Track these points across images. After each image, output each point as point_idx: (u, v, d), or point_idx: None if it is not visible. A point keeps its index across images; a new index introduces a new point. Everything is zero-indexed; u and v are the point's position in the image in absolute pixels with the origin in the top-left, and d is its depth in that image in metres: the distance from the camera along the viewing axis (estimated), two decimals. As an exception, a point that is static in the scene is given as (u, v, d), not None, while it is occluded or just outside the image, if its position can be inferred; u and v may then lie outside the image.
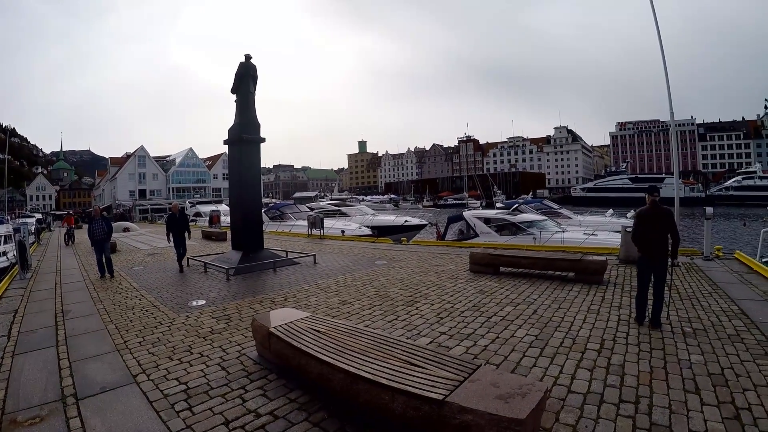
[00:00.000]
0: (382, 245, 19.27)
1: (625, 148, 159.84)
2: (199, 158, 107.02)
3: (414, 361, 4.27)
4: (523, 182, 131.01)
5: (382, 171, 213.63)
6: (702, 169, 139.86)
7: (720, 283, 9.73)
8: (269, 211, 33.81)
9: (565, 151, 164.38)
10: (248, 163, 14.22)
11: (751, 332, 6.52)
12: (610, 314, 7.62)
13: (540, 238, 18.01)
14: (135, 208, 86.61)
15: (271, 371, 5.37)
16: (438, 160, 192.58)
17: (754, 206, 69.06)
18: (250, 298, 9.57)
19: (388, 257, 15.09)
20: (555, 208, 28.18)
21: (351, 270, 12.73)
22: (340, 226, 26.79)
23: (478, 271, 11.68)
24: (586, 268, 10.23)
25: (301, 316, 5.99)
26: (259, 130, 14.38)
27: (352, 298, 9.32)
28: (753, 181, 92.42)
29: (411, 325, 7.24)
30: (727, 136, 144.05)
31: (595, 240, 17.00)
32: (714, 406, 4.40)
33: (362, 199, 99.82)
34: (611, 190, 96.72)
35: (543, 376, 5.17)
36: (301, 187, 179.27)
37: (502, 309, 8.06)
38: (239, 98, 14.35)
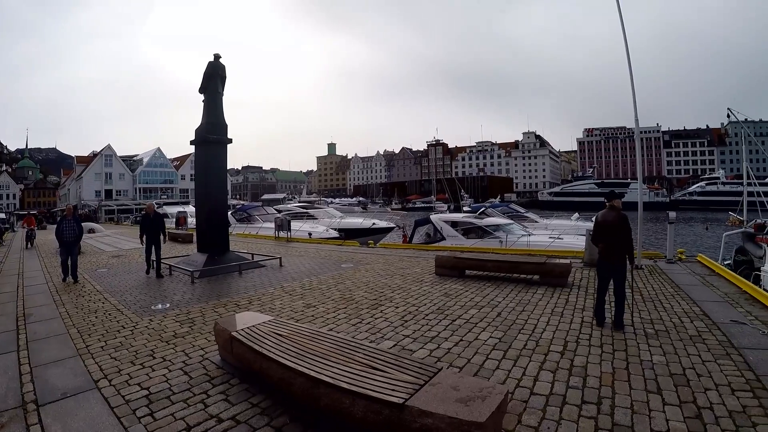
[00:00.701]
0: (348, 248, 19.24)
1: (592, 154, 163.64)
2: (166, 158, 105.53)
3: (375, 365, 4.24)
4: (491, 186, 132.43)
5: (351, 174, 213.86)
6: (667, 175, 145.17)
7: (682, 285, 9.95)
8: (236, 213, 33.50)
9: (533, 156, 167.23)
10: (214, 165, 14.05)
11: (713, 333, 6.66)
12: (573, 316, 7.70)
13: (506, 242, 18.19)
14: (101, 208, 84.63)
15: (233, 375, 5.32)
16: (407, 164, 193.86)
17: (716, 211, 71.47)
18: (214, 302, 9.45)
19: (354, 260, 15.07)
20: (521, 212, 28.54)
21: (317, 273, 12.67)
22: (307, 228, 26.64)
23: (444, 274, 11.70)
24: (551, 271, 10.35)
25: (264, 319, 5.93)
26: (226, 131, 14.23)
27: (317, 301, 9.25)
28: (716, 186, 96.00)
29: (375, 329, 7.20)
30: (691, 143, 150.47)
31: (560, 243, 17.25)
32: (676, 406, 4.45)
33: (331, 202, 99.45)
34: (578, 194, 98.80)
35: (506, 378, 5.17)
36: (270, 189, 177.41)
37: (467, 312, 8.08)
38: (207, 98, 14.18)
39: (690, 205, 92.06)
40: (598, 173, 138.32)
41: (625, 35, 12.41)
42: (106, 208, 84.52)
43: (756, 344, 6.15)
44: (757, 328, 6.80)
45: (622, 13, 12.45)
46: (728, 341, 6.27)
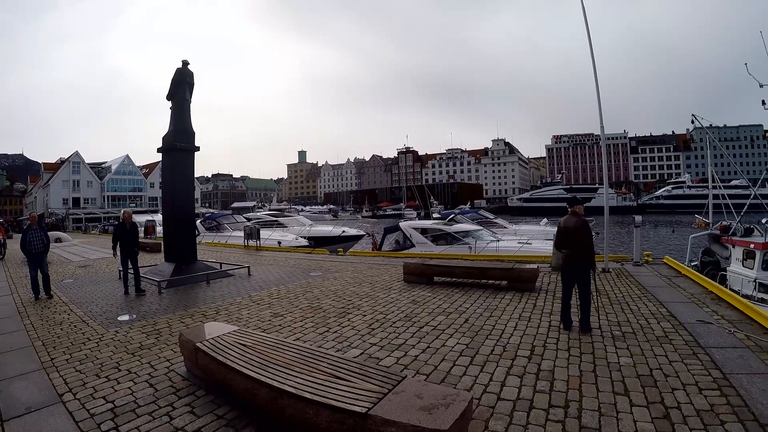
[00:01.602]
0: (318, 256, 19.16)
1: (561, 160, 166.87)
2: (135, 166, 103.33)
3: (339, 374, 4.23)
4: (461, 193, 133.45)
5: (321, 181, 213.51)
6: (634, 180, 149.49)
7: (649, 287, 10.09)
8: (205, 221, 33.17)
9: (502, 163, 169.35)
10: (182, 172, 13.89)
11: (679, 333, 6.75)
12: (541, 321, 7.73)
13: (475, 248, 18.27)
14: (68, 217, 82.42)
15: (199, 387, 5.27)
16: (377, 171, 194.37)
17: (682, 214, 73.53)
18: (181, 312, 9.32)
19: (323, 268, 14.98)
20: (491, 218, 28.80)
21: (285, 282, 12.58)
22: (276, 237, 26.38)
23: (412, 281, 11.68)
24: (519, 277, 10.40)
25: (229, 330, 5.89)
26: (193, 138, 14.07)
27: (285, 310, 9.16)
28: (682, 190, 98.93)
29: (342, 337, 7.16)
30: (657, 148, 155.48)
31: (529, 248, 17.39)
32: (643, 407, 4.48)
33: (301, 210, 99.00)
34: (547, 200, 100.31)
35: (473, 384, 5.15)
36: (240, 197, 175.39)
37: (434, 319, 8.06)
38: (174, 105, 14.01)
39: (657, 209, 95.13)
40: (567, 179, 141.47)
41: (591, 46, 12.64)
42: (74, 217, 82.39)
43: (722, 343, 6.25)
44: (724, 327, 6.91)
45: (589, 23, 12.71)
46: (695, 341, 6.36)
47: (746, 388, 4.79)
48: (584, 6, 12.80)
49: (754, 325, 7.02)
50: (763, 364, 5.43)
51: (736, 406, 4.42)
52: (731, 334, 6.62)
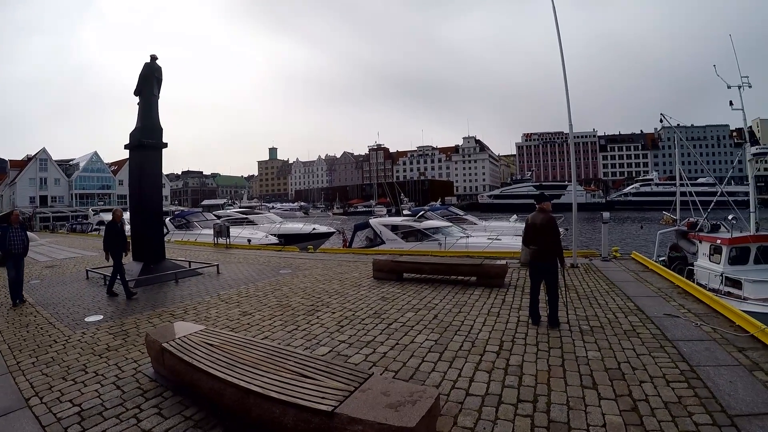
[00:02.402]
0: (287, 254, 19.07)
1: (531, 158, 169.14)
2: (104, 163, 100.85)
3: (306, 373, 4.22)
4: (432, 190, 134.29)
5: (292, 178, 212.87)
6: (603, 177, 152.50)
7: (617, 282, 10.25)
8: (175, 219, 32.70)
9: (473, 160, 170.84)
10: (149, 170, 13.68)
11: (647, 327, 6.84)
12: (509, 316, 7.76)
13: (445, 244, 18.35)
14: (36, 215, 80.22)
15: (166, 388, 5.20)
16: (348, 168, 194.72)
17: (650, 210, 75.32)
18: (149, 312, 9.17)
19: (292, 266, 14.90)
20: (460, 215, 28.95)
21: (254, 280, 12.48)
22: (246, 234, 26.16)
23: (382, 278, 11.66)
24: (487, 272, 10.46)
25: (196, 329, 5.82)
26: (161, 135, 13.87)
27: (254, 309, 9.07)
28: (650, 187, 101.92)
29: (311, 335, 7.09)
30: (626, 147, 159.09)
31: (498, 244, 17.55)
32: (612, 400, 4.51)
33: (272, 207, 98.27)
34: (517, 197, 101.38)
35: (441, 380, 5.13)
36: (210, 195, 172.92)
37: (403, 315, 8.04)
38: (142, 101, 13.81)
39: (625, 206, 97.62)
40: (537, 176, 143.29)
41: (560, 45, 12.80)
42: (41, 216, 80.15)
43: (689, 336, 6.35)
44: (691, 321, 7.03)
45: (559, 23, 12.86)
46: (662, 334, 6.45)
47: (713, 379, 4.86)
48: (555, 6, 12.92)
49: (720, 318, 7.16)
50: (729, 356, 5.53)
51: (703, 398, 4.48)
52: (698, 327, 6.73)
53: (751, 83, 16.90)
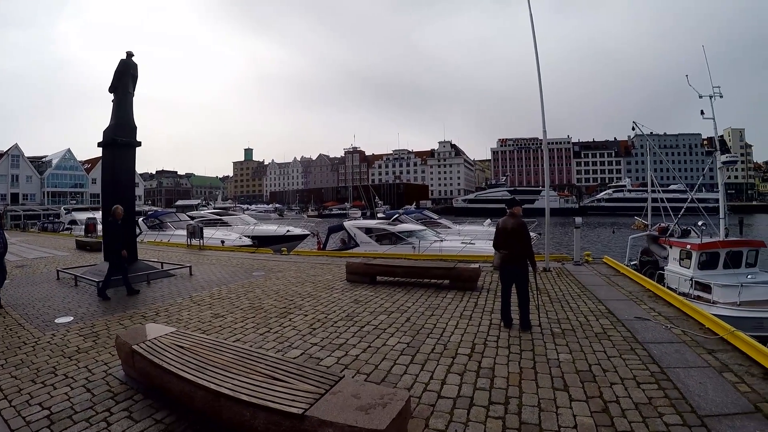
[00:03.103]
0: (261, 256, 18.94)
1: (506, 163, 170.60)
2: (77, 160, 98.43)
3: (277, 375, 4.20)
4: (407, 193, 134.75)
5: (267, 180, 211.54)
6: (576, 183, 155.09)
7: (589, 286, 10.39)
8: (148, 219, 32.30)
9: (448, 165, 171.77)
10: (122, 168, 13.46)
11: (618, 329, 6.93)
12: (482, 319, 7.80)
13: (419, 247, 18.41)
14: (6, 213, 78.10)
15: (137, 391, 5.11)
16: (324, 170, 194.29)
17: (623, 216, 76.67)
18: (120, 314, 9.02)
19: (266, 268, 14.83)
20: (435, 218, 29.16)
21: (227, 282, 12.40)
22: (220, 236, 25.99)
23: (355, 280, 11.64)
24: (460, 276, 10.50)
25: (166, 331, 5.75)
26: (135, 133, 13.68)
27: (226, 311, 8.99)
28: (623, 193, 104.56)
29: (283, 338, 7.05)
30: (600, 153, 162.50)
31: (471, 248, 17.65)
32: (583, 401, 4.55)
33: (246, 208, 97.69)
34: (491, 201, 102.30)
35: (413, 383, 5.12)
36: (185, 195, 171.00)
37: (376, 318, 8.03)
38: (116, 98, 13.58)
39: (598, 211, 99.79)
40: (511, 181, 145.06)
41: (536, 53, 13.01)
42: (12, 214, 77.99)
43: (659, 338, 6.45)
44: (661, 324, 7.15)
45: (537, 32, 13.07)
46: (633, 337, 6.54)
47: (683, 381, 4.94)
48: (532, 15, 13.10)
49: (690, 321, 7.29)
50: (699, 358, 5.63)
51: (673, 399, 4.54)
52: (668, 330, 6.84)
53: (722, 93, 17.32)
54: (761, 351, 5.45)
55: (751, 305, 12.74)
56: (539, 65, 12.93)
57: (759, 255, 15.28)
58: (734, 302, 12.82)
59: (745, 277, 13.99)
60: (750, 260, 14.94)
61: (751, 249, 15.10)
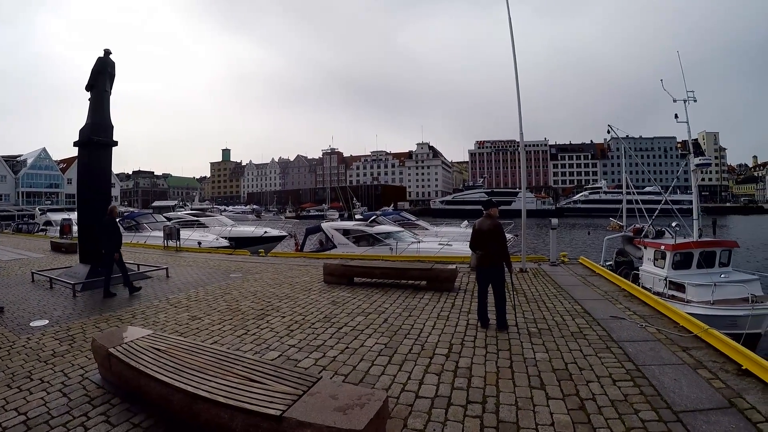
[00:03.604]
0: (238, 257, 18.85)
1: (483, 165, 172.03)
2: (52, 160, 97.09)
3: (254, 377, 4.20)
4: (384, 195, 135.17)
5: (245, 181, 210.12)
6: (553, 185, 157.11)
7: (565, 286, 10.50)
8: (124, 220, 31.41)
9: (426, 166, 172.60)
10: (98, 168, 13.32)
11: (593, 328, 7.02)
12: (459, 320, 7.84)
13: (396, 249, 18.45)
14: None
15: (114, 395, 5.04)
16: (302, 172, 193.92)
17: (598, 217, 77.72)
18: (96, 316, 8.89)
19: (243, 270, 14.75)
20: (412, 220, 29.21)
21: (204, 284, 12.30)
22: (197, 237, 25.72)
23: (332, 282, 11.61)
24: (437, 277, 10.54)
25: (143, 334, 5.70)
26: (111, 133, 13.48)
27: (203, 313, 8.91)
28: (599, 195, 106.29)
29: (260, 339, 7.01)
30: (576, 156, 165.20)
31: (449, 250, 17.76)
32: (559, 399, 4.60)
33: (224, 210, 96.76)
34: (468, 203, 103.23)
35: (391, 383, 5.13)
36: (161, 196, 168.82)
37: (353, 319, 8.02)
38: (93, 96, 13.37)
39: (574, 212, 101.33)
40: (489, 183, 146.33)
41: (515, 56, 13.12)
42: None
43: (634, 337, 6.55)
44: (636, 322, 7.25)
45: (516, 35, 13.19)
46: (608, 335, 6.64)
47: (658, 378, 5.02)
48: (511, 19, 13.22)
49: (664, 320, 7.42)
50: (674, 355, 5.74)
51: (649, 396, 4.62)
52: (643, 328, 6.94)
53: (696, 98, 17.67)
54: (734, 348, 5.56)
55: (724, 304, 13.00)
56: (517, 68, 13.04)
57: (732, 255, 15.62)
58: (708, 301, 13.08)
59: (719, 276, 14.26)
60: (723, 260, 15.26)
61: (724, 249, 15.42)
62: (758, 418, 4.18)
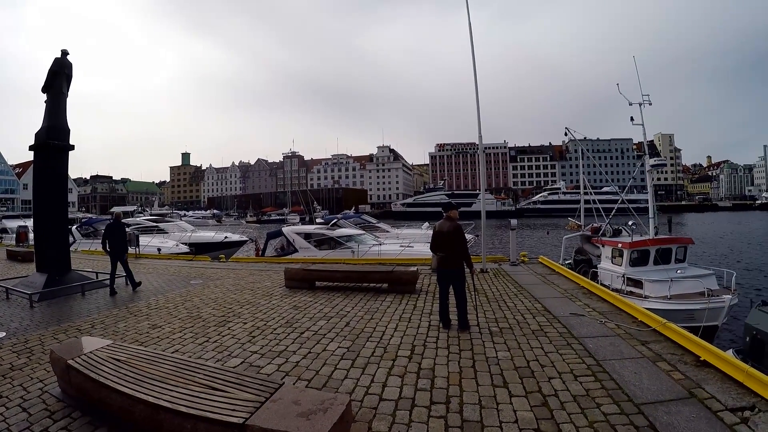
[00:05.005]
0: (199, 263, 18.59)
1: (444, 167, 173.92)
2: (8, 164, 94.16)
3: (216, 385, 4.17)
4: (346, 198, 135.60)
5: (205, 185, 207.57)
6: (513, 186, 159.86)
7: (525, 285, 10.65)
8: (82, 227, 30.95)
9: (387, 169, 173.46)
10: (55, 173, 12.97)
11: (554, 326, 7.14)
12: (420, 321, 7.86)
13: (358, 252, 18.46)
14: None
15: (75, 408, 4.88)
16: (263, 175, 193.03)
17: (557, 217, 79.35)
18: (54, 327, 8.60)
19: (204, 276, 14.54)
20: (373, 222, 29.27)
21: (164, 291, 12.10)
22: (156, 243, 25.28)
23: (294, 286, 11.53)
24: (399, 279, 10.58)
25: (103, 344, 5.55)
26: (68, 136, 13.15)
27: (163, 321, 8.74)
28: (557, 196, 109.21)
29: (222, 347, 6.89)
30: (535, 158, 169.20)
31: (410, 251, 17.86)
32: (522, 397, 4.65)
33: (184, 215, 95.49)
34: (429, 205, 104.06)
35: (354, 387, 5.10)
36: (120, 201, 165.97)
37: (315, 323, 7.97)
38: (50, 98, 13.02)
39: (534, 213, 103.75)
40: (449, 185, 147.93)
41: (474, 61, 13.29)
42: None
43: (594, 333, 6.68)
44: (595, 319, 7.40)
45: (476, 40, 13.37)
46: (569, 332, 6.75)
47: (619, 372, 5.13)
48: (470, 22, 13.38)
49: (623, 315, 7.60)
50: (633, 349, 5.87)
51: (610, 390, 4.71)
52: (603, 324, 7.08)
53: (651, 101, 18.22)
54: (692, 340, 5.71)
55: (681, 298, 13.44)
56: (476, 71, 13.20)
57: (688, 251, 16.13)
58: (665, 296, 13.49)
59: (675, 272, 14.70)
60: (679, 256, 15.78)
61: (680, 246, 15.94)
62: (718, 407, 4.30)
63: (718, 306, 12.88)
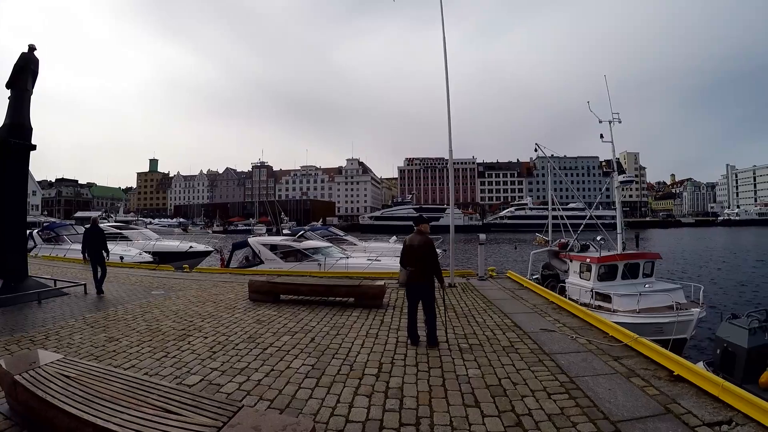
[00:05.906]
0: (162, 273, 18.19)
1: (412, 181, 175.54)
2: None
3: (170, 407, 3.90)
4: (314, 210, 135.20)
5: (172, 193, 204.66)
6: (480, 201, 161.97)
7: (494, 300, 10.60)
8: (43, 231, 30.16)
9: (355, 182, 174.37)
10: (14, 173, 12.53)
11: (525, 342, 7.03)
12: (388, 337, 7.70)
13: (325, 265, 18.22)
14: None
15: (23, 427, 4.61)
16: (230, 185, 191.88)
17: (524, 232, 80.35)
18: (6, 338, 8.19)
19: (166, 286, 14.19)
20: (341, 235, 29.16)
21: (124, 301, 11.71)
22: (119, 251, 24.57)
23: (258, 299, 11.26)
24: (366, 293, 10.42)
25: (53, 358, 5.24)
26: (30, 135, 12.72)
27: (121, 334, 8.38)
28: (524, 211, 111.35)
29: (181, 363, 6.60)
30: (503, 174, 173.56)
31: (378, 265, 17.69)
32: (495, 417, 4.51)
33: (149, 222, 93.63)
34: (397, 218, 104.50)
35: (319, 407, 4.89)
36: (85, 206, 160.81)
37: (279, 339, 7.73)
38: (13, 95, 12.58)
39: (501, 228, 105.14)
40: (417, 199, 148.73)
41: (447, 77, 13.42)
42: None
43: (566, 349, 6.59)
44: (566, 334, 7.33)
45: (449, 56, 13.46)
46: (540, 348, 6.65)
47: (593, 389, 5.04)
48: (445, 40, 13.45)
49: (594, 331, 7.55)
50: (606, 365, 5.79)
51: (585, 407, 4.61)
52: (574, 340, 7.01)
53: (621, 119, 18.58)
54: (665, 355, 5.68)
55: (649, 311, 13.60)
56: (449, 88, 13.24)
57: (655, 266, 16.42)
58: (634, 310, 13.62)
59: (643, 286, 14.86)
60: (647, 271, 16.06)
61: (648, 261, 16.24)
62: (695, 422, 4.25)
63: (686, 319, 13.06)
